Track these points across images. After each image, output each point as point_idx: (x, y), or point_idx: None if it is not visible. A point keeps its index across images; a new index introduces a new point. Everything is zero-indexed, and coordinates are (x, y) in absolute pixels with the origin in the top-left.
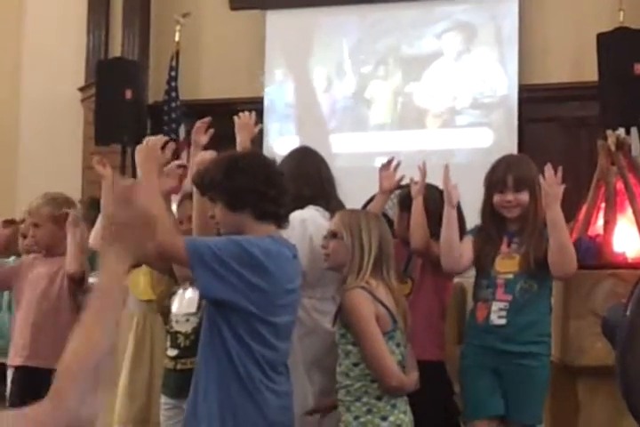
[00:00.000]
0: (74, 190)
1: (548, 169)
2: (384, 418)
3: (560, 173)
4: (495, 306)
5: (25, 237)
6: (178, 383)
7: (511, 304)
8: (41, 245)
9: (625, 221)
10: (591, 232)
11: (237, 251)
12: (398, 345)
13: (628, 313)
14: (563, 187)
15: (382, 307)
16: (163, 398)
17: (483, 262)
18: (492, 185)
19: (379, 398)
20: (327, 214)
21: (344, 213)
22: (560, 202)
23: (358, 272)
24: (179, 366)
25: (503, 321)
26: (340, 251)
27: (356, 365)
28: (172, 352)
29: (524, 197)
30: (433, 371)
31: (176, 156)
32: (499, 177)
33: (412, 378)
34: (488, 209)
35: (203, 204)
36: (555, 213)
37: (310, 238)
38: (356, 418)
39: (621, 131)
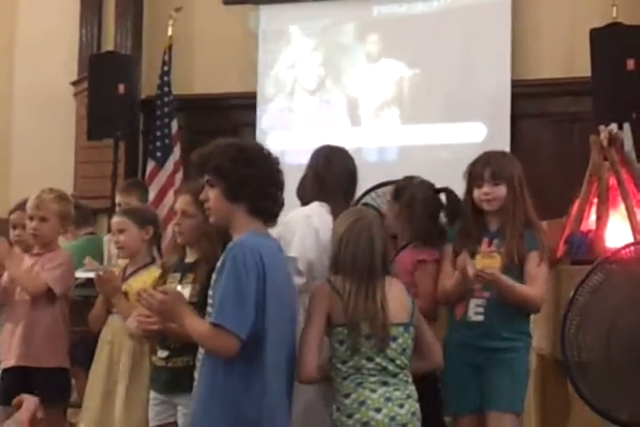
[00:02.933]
0: (66, 185)
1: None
2: (349, 416)
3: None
4: (472, 303)
5: (15, 227)
6: (168, 380)
7: (488, 301)
8: (40, 240)
9: (617, 217)
10: (583, 227)
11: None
12: (368, 337)
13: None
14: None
15: (342, 302)
16: (152, 394)
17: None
18: (471, 179)
19: (346, 396)
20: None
21: (341, 215)
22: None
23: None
24: (170, 364)
25: (480, 318)
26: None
27: (330, 359)
28: (163, 354)
29: (502, 190)
30: None
31: (169, 149)
32: (477, 171)
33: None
34: (469, 204)
35: None
36: (500, 290)
37: (316, 232)
38: (331, 415)
39: (614, 126)
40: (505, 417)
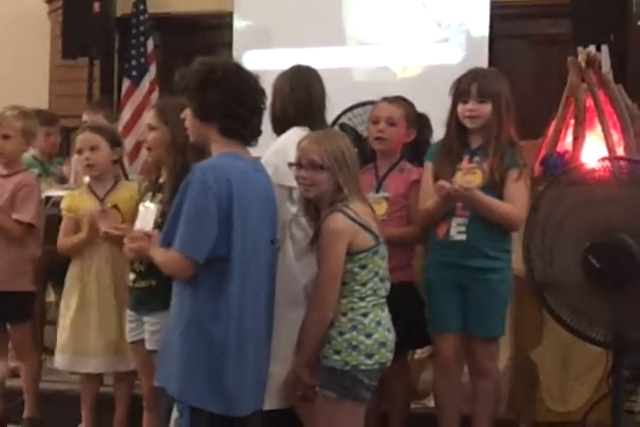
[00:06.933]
0: (41, 103)
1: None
2: (368, 335)
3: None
4: (454, 222)
5: None
6: (136, 299)
7: (470, 220)
8: (6, 157)
9: (594, 138)
10: (560, 148)
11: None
12: (383, 258)
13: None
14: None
15: (361, 227)
16: (127, 311)
17: (443, 178)
18: (457, 95)
19: (364, 315)
20: None
21: (322, 141)
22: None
23: (345, 199)
24: (136, 285)
25: (463, 237)
26: (323, 182)
27: (344, 284)
28: (131, 276)
29: (487, 108)
30: (406, 290)
31: (145, 68)
32: (463, 87)
33: None
34: (453, 120)
35: None
36: (476, 206)
37: None
38: (341, 334)
39: (592, 48)
40: (488, 343)
